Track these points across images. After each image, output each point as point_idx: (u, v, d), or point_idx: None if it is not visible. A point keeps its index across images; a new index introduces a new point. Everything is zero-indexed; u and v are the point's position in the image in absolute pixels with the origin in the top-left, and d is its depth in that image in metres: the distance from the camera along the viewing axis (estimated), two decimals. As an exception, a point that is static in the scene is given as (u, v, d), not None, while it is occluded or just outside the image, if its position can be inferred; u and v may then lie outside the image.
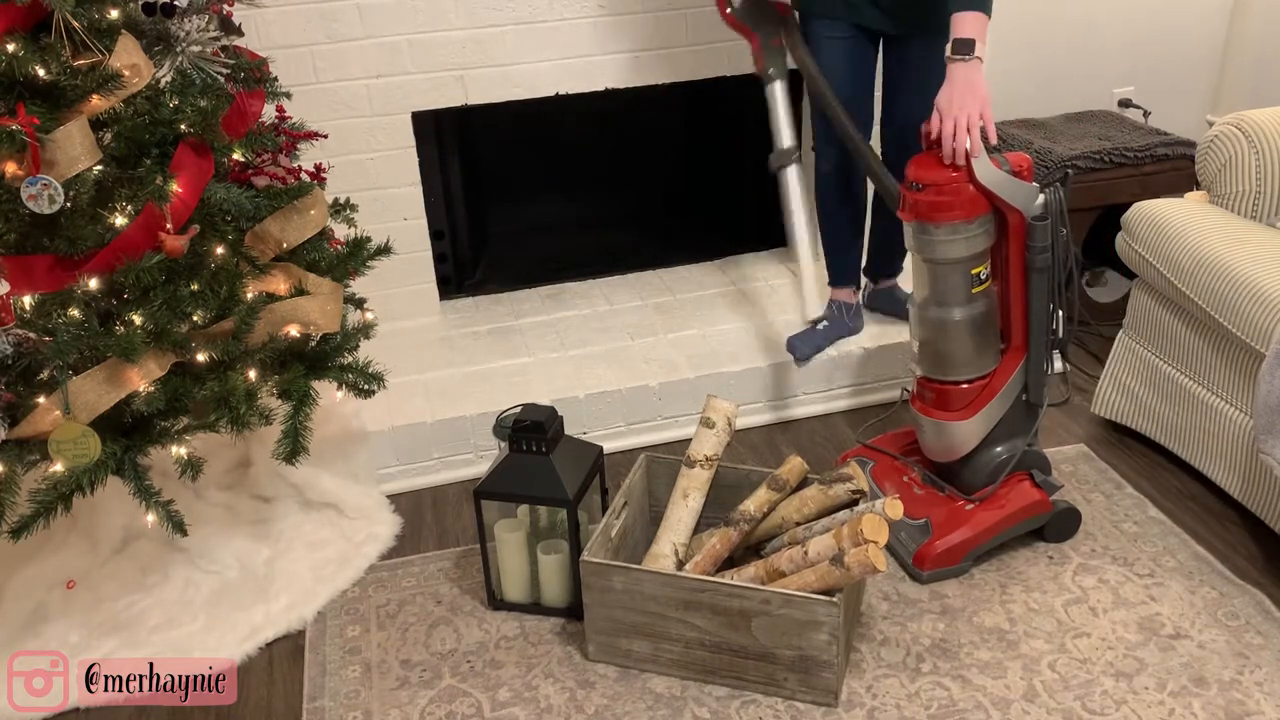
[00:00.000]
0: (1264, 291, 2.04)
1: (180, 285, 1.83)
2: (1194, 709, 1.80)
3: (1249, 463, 2.16)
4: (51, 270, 1.74)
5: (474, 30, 2.76)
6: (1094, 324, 2.98)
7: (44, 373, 1.76)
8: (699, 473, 2.03)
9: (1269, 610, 2.00)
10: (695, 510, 2.02)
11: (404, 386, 2.62)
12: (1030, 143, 3.06)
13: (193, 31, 1.89)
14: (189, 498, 2.21)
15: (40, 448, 1.76)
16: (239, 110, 1.98)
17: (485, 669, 1.98)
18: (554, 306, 3.12)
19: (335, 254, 2.16)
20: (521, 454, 2.03)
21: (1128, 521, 2.26)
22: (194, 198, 1.83)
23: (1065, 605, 2.04)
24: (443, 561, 2.28)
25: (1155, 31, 3.39)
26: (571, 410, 2.52)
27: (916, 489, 2.21)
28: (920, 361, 2.12)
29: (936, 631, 2.00)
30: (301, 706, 1.92)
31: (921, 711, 1.83)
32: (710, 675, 1.91)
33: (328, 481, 2.37)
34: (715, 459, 2.04)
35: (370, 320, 2.26)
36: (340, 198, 2.25)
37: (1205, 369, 2.27)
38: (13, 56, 1.66)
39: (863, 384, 2.76)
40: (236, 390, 1.88)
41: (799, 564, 1.86)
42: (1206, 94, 3.54)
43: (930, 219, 1.96)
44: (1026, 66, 3.33)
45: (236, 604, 2.13)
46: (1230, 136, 2.35)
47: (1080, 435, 2.59)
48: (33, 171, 1.65)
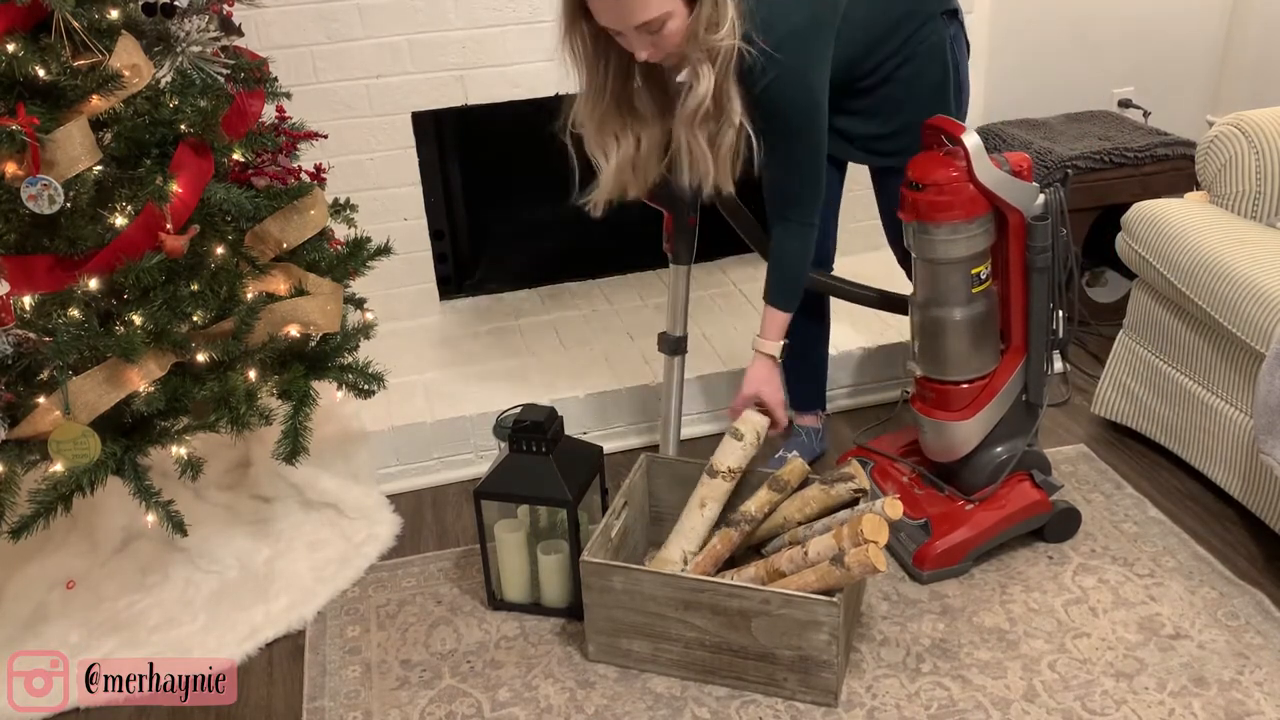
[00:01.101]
0: (1264, 291, 2.04)
1: (180, 285, 1.83)
2: (1194, 709, 1.80)
3: (1249, 463, 2.16)
4: (51, 270, 1.74)
5: (474, 30, 2.76)
6: (1094, 324, 2.99)
7: (44, 373, 1.76)
8: (720, 484, 2.01)
9: (1269, 610, 2.00)
10: (710, 520, 2.01)
11: (404, 386, 2.62)
12: (1030, 143, 3.06)
13: (193, 31, 1.89)
14: (189, 498, 2.21)
15: (40, 448, 1.76)
16: (239, 110, 1.98)
17: (485, 669, 1.98)
18: (554, 306, 3.12)
19: (335, 254, 2.16)
20: (521, 454, 2.03)
21: (1128, 521, 2.26)
22: (194, 198, 1.83)
23: (1065, 605, 2.04)
24: (443, 561, 2.28)
25: (1155, 31, 3.39)
26: (571, 410, 2.52)
27: (916, 489, 2.21)
28: (920, 362, 2.12)
29: (936, 631, 2.00)
30: (301, 706, 1.92)
31: (921, 711, 1.83)
32: (710, 675, 1.90)
33: (328, 481, 2.37)
34: (738, 471, 2.02)
35: (370, 320, 2.26)
36: (340, 198, 2.25)
37: (1205, 369, 2.27)
38: (13, 56, 1.66)
39: (862, 384, 2.76)
40: (236, 390, 1.88)
41: (799, 564, 1.86)
42: (1206, 94, 3.54)
43: (930, 219, 1.96)
44: (1026, 66, 3.33)
45: (236, 604, 2.13)
46: (1230, 136, 2.35)
47: (1080, 435, 2.59)
48: (33, 171, 1.65)
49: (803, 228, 2.02)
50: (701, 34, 1.74)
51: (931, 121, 2.00)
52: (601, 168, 1.98)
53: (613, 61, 1.87)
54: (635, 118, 1.94)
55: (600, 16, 1.76)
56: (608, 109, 1.91)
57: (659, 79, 1.93)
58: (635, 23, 1.73)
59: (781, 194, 2.00)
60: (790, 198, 2.00)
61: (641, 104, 1.94)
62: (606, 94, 1.90)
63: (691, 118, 1.82)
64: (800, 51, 1.83)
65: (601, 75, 1.88)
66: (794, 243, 2.03)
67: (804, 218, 2.01)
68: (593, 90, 1.90)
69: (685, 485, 2.08)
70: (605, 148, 1.95)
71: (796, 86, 1.85)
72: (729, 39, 1.74)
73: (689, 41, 1.76)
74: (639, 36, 1.76)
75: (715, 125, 1.84)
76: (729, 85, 1.80)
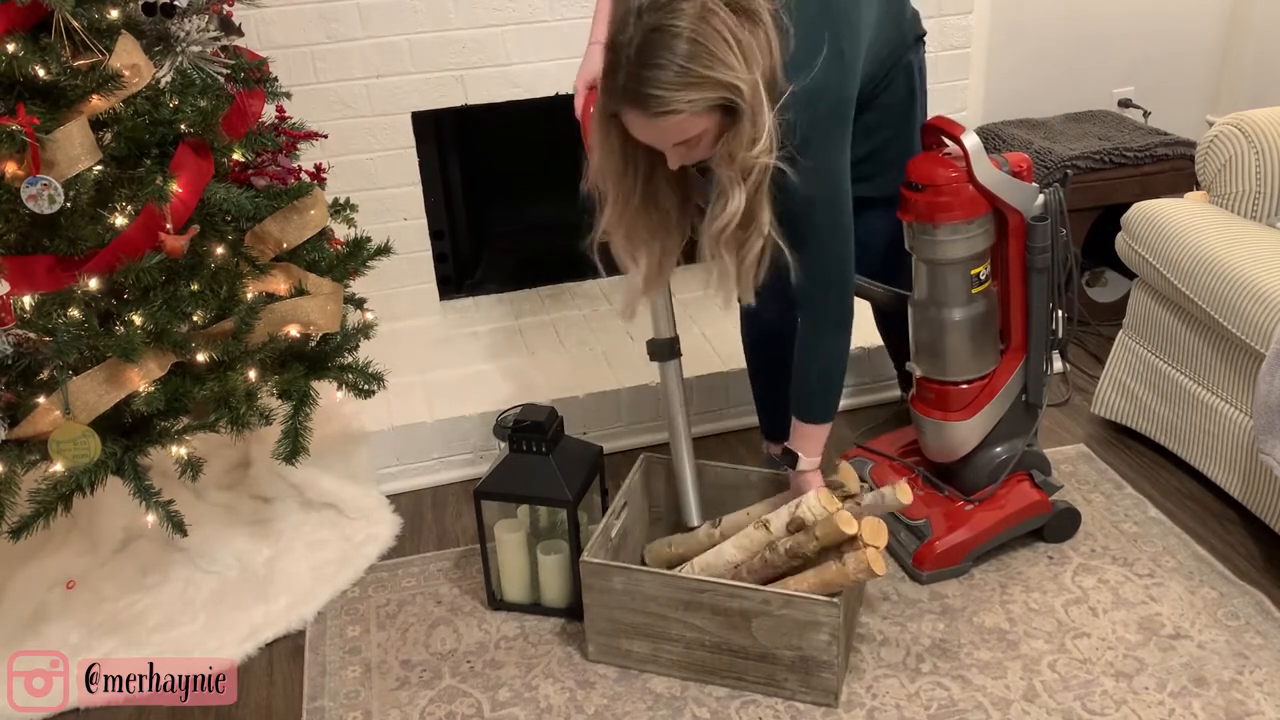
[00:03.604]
0: (1264, 291, 2.04)
1: (180, 285, 1.83)
2: (1194, 709, 1.80)
3: (1249, 463, 2.16)
4: (51, 270, 1.74)
5: (474, 30, 2.76)
6: (1094, 324, 2.99)
7: (44, 373, 1.76)
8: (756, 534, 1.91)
9: (1269, 610, 2.00)
10: (729, 562, 1.93)
11: (404, 386, 2.62)
12: (1030, 143, 3.06)
13: (193, 31, 1.89)
14: (189, 498, 2.21)
15: (40, 448, 1.76)
16: (239, 110, 1.98)
17: (485, 669, 1.98)
18: (554, 306, 3.12)
19: (335, 254, 2.16)
20: (521, 454, 2.03)
21: (1127, 522, 2.26)
22: (194, 198, 1.83)
23: (1065, 605, 2.04)
24: (443, 561, 2.28)
25: (1155, 31, 3.39)
26: (571, 410, 2.52)
27: (916, 489, 2.21)
28: (920, 362, 2.12)
29: (936, 631, 2.00)
30: (301, 706, 1.92)
31: (921, 711, 1.83)
32: (710, 675, 1.91)
33: (328, 482, 2.37)
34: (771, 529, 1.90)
35: (370, 320, 2.26)
36: (340, 198, 2.25)
37: (1205, 369, 2.27)
38: (13, 56, 1.66)
39: (862, 384, 2.76)
40: (236, 390, 1.88)
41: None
42: (1206, 94, 3.54)
43: (930, 219, 1.96)
44: (1026, 66, 3.33)
45: (236, 604, 2.13)
46: (1230, 136, 2.35)
47: (1080, 435, 2.59)
48: (33, 171, 1.65)
49: (839, 329, 1.90)
50: (740, 154, 1.64)
51: (931, 122, 2.01)
52: (632, 271, 1.92)
53: (641, 168, 1.80)
54: (662, 214, 1.87)
55: (637, 134, 1.68)
56: (636, 214, 1.84)
57: (682, 174, 1.84)
58: (672, 143, 1.66)
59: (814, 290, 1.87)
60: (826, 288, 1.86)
61: (665, 200, 1.86)
62: (636, 199, 1.82)
63: (719, 234, 1.74)
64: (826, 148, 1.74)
65: (630, 183, 1.80)
66: (832, 345, 1.91)
67: (841, 314, 1.89)
68: (620, 199, 1.82)
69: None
70: (635, 252, 1.90)
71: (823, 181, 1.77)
72: (765, 157, 1.65)
73: (724, 162, 1.67)
74: (673, 150, 1.69)
75: (743, 235, 1.75)
76: (761, 199, 1.72)
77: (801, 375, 1.95)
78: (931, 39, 2.96)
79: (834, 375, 1.94)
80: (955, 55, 3.07)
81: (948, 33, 3.03)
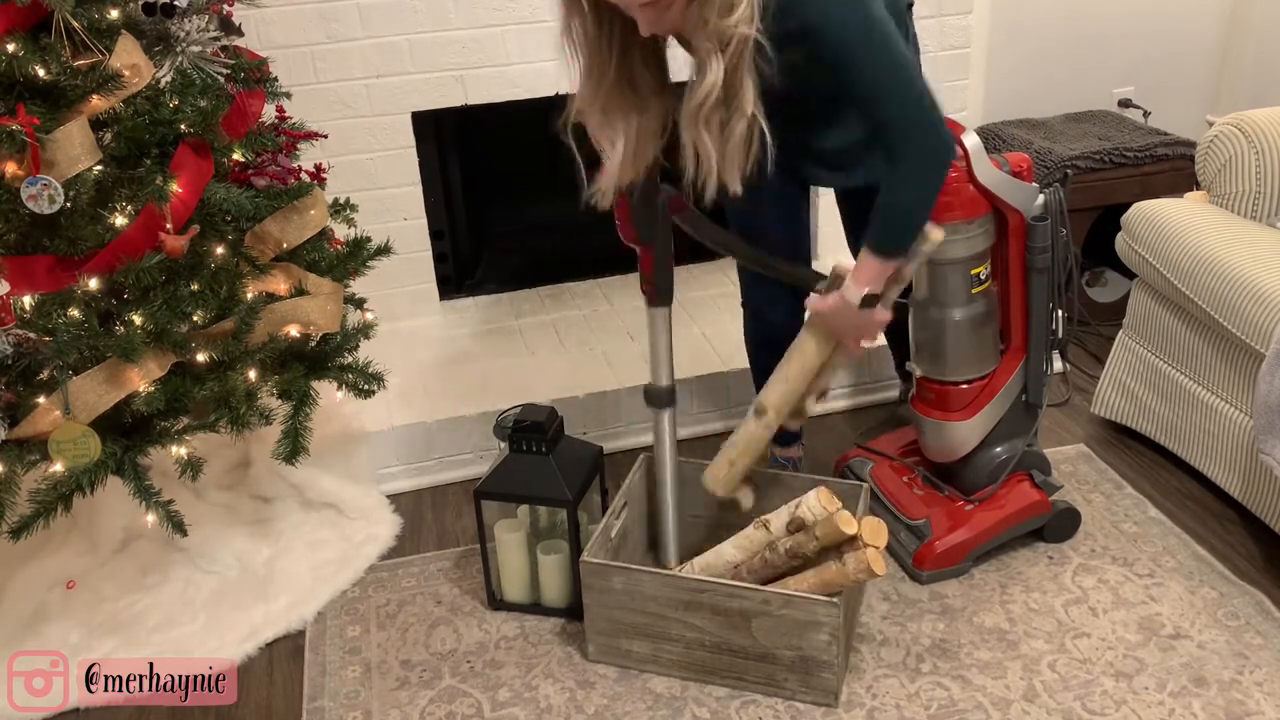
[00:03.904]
0: (1264, 291, 2.04)
1: (180, 285, 1.83)
2: (1194, 709, 1.80)
3: (1249, 463, 2.16)
4: (51, 270, 1.74)
5: (474, 30, 2.76)
6: (1094, 324, 2.99)
7: (44, 373, 1.76)
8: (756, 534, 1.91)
9: (1269, 610, 2.00)
10: (729, 563, 1.93)
11: (404, 386, 2.62)
12: (1030, 143, 3.06)
13: (193, 31, 1.89)
14: (189, 498, 2.21)
15: (40, 448, 1.76)
16: (239, 110, 1.98)
17: (485, 669, 1.98)
18: (554, 306, 3.12)
19: (335, 254, 2.16)
20: (521, 454, 2.03)
21: (1127, 522, 2.26)
22: (194, 198, 1.83)
23: (1065, 605, 2.04)
24: (443, 561, 2.28)
25: (1155, 31, 3.39)
26: (571, 410, 2.52)
27: (916, 489, 2.21)
28: (920, 362, 2.12)
29: (936, 632, 2.00)
30: (301, 706, 1.92)
31: (921, 711, 1.83)
32: (710, 675, 1.91)
33: (328, 481, 2.37)
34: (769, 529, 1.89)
35: (370, 320, 2.26)
36: (340, 198, 2.25)
37: (1205, 369, 2.27)
38: (13, 56, 1.66)
39: (862, 384, 2.76)
40: (236, 390, 1.88)
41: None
42: (1206, 94, 3.54)
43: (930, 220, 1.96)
44: (1026, 66, 3.33)
45: (236, 604, 2.13)
46: (1230, 136, 2.35)
47: (1080, 435, 2.59)
48: (33, 171, 1.65)
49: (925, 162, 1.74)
50: (714, 20, 1.61)
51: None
52: (608, 155, 1.86)
53: (616, 38, 1.76)
54: (639, 97, 1.83)
55: None
56: (611, 90, 1.80)
57: (658, 55, 1.83)
58: (639, 2, 1.63)
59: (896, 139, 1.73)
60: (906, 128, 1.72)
61: (642, 81, 1.82)
62: (611, 72, 1.78)
63: (698, 110, 1.70)
64: None
65: (605, 54, 1.76)
66: (935, 172, 1.76)
67: (938, 143, 1.72)
68: (595, 71, 1.78)
69: (684, 486, 2.08)
70: (612, 133, 1.84)
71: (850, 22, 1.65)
72: (744, 27, 1.60)
73: (697, 29, 1.64)
74: (642, 12, 1.65)
75: (725, 114, 1.70)
76: (741, 74, 1.67)
77: (889, 206, 1.78)
78: (931, 39, 2.98)
79: (927, 203, 1.79)
80: (955, 55, 3.07)
81: (948, 33, 3.03)
